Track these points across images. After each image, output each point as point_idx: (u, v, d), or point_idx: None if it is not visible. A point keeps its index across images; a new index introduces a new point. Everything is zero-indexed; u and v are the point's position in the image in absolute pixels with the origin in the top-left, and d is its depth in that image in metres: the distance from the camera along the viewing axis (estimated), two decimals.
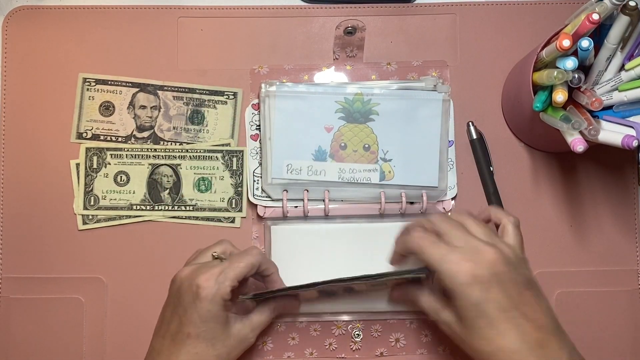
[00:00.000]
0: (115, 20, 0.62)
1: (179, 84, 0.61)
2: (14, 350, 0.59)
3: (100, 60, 0.62)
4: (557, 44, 0.48)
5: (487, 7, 0.62)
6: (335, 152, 0.60)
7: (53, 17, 0.62)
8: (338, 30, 0.60)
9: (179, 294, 0.51)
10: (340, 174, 0.60)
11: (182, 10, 0.62)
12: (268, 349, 0.60)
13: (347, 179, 0.59)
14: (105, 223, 0.60)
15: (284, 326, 0.60)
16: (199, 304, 0.50)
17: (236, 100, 0.62)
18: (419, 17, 0.62)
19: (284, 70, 0.62)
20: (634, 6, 0.48)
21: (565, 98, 0.49)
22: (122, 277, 0.60)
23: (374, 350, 0.60)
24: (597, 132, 0.50)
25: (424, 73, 0.62)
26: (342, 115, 0.60)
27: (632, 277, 0.61)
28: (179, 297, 0.51)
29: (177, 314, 0.51)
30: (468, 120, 0.61)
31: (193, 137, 0.61)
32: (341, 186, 0.59)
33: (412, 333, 0.60)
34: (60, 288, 0.60)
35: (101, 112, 0.61)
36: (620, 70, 0.51)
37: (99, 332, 0.60)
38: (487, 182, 0.61)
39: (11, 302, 0.60)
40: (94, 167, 0.60)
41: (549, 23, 0.62)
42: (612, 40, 0.49)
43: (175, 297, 0.52)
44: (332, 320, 0.60)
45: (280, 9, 0.62)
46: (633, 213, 0.61)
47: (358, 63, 0.62)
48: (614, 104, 0.52)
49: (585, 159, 0.61)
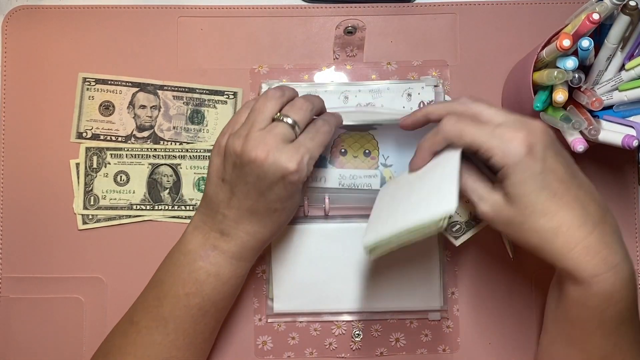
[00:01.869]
0: (115, 20, 0.62)
1: (179, 83, 0.61)
2: (14, 350, 0.59)
3: (100, 60, 0.61)
4: (557, 44, 0.48)
5: (487, 6, 0.62)
6: (335, 158, 0.60)
7: (53, 17, 0.62)
8: (338, 29, 0.60)
9: (255, 173, 0.48)
10: (340, 180, 0.59)
11: (182, 10, 0.62)
12: (268, 349, 0.60)
13: (347, 185, 0.59)
14: (105, 223, 0.60)
15: (284, 326, 0.60)
16: (288, 186, 0.48)
17: (236, 100, 0.61)
18: (419, 16, 0.62)
19: (284, 69, 0.62)
20: (634, 6, 0.48)
21: (565, 98, 0.49)
22: (122, 277, 0.60)
23: (374, 350, 0.60)
24: (598, 132, 0.50)
25: (424, 73, 0.62)
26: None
27: None
28: (255, 176, 0.48)
29: (255, 190, 0.49)
30: None
31: (193, 136, 0.61)
32: (342, 192, 0.59)
33: (412, 333, 0.60)
34: (60, 288, 0.60)
35: (101, 112, 0.61)
36: (621, 70, 0.51)
37: (99, 332, 0.60)
38: None
39: (11, 302, 0.60)
40: (93, 167, 0.60)
41: (549, 23, 0.62)
42: (612, 40, 0.49)
43: (249, 174, 0.48)
44: (332, 320, 0.60)
45: (280, 8, 0.62)
46: (633, 213, 0.61)
47: (358, 63, 0.62)
48: (614, 103, 0.52)
49: (585, 159, 0.61)
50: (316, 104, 0.52)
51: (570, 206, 0.43)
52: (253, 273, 0.60)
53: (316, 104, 0.52)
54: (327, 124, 0.51)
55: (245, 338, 0.60)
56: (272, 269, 0.59)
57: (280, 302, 0.59)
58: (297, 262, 0.59)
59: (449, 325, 0.60)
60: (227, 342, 0.60)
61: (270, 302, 0.60)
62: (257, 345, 0.60)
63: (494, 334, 0.60)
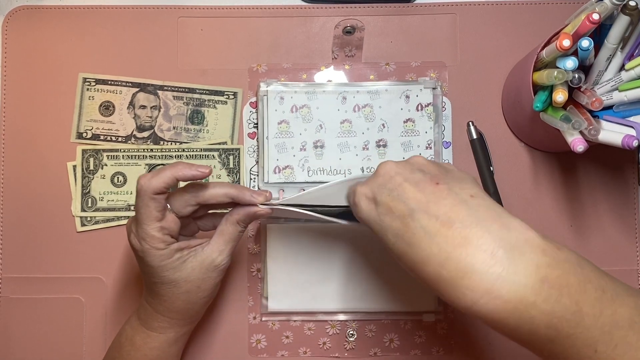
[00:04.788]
0: (115, 20, 0.62)
1: (179, 83, 0.61)
2: (14, 350, 0.59)
3: (100, 60, 0.62)
4: (557, 44, 0.48)
5: (487, 7, 0.62)
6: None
7: (53, 17, 0.62)
8: (337, 29, 0.60)
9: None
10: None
11: (182, 10, 0.62)
12: (262, 347, 0.60)
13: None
14: (103, 224, 0.60)
15: (278, 324, 0.60)
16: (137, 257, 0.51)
17: (236, 100, 0.61)
18: (418, 17, 0.62)
19: (282, 68, 0.62)
20: (634, 6, 0.48)
21: (565, 98, 0.49)
22: (121, 277, 0.60)
23: (367, 350, 0.60)
24: (597, 132, 0.50)
25: (422, 74, 0.61)
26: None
27: (632, 277, 0.61)
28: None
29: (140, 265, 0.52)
30: (468, 120, 0.61)
31: (193, 137, 0.61)
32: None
33: (406, 334, 0.60)
34: (60, 288, 0.60)
35: (101, 112, 0.61)
36: (621, 70, 0.51)
37: (99, 332, 0.60)
38: (487, 182, 0.61)
39: (11, 302, 0.60)
40: (90, 169, 0.60)
41: (549, 23, 0.61)
42: (612, 40, 0.49)
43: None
44: (326, 320, 0.60)
45: (280, 8, 0.62)
46: (633, 213, 0.61)
47: (356, 63, 0.62)
48: (614, 104, 0.51)
49: (585, 159, 0.61)
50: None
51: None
52: (248, 271, 0.60)
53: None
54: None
55: (239, 336, 0.60)
56: (267, 268, 0.59)
57: (275, 300, 0.59)
58: (292, 261, 0.59)
59: (444, 327, 0.60)
60: (221, 340, 0.60)
61: (264, 301, 0.60)
62: (251, 344, 0.60)
63: (488, 336, 0.60)
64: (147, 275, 0.50)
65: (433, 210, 0.39)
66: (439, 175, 0.42)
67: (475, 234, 0.37)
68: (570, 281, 0.36)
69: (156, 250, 0.48)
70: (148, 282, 0.51)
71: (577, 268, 0.37)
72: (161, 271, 0.49)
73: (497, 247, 0.36)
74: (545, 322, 0.36)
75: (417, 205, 0.40)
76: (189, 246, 0.50)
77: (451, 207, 0.39)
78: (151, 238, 0.48)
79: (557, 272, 0.36)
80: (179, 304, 0.51)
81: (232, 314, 0.60)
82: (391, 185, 0.42)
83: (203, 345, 0.60)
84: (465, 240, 0.37)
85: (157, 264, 0.49)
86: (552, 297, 0.35)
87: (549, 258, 0.36)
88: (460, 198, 0.39)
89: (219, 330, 0.60)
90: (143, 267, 0.50)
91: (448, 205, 0.39)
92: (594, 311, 0.36)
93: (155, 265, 0.49)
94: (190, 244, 0.51)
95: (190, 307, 0.52)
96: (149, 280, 0.51)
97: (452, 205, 0.39)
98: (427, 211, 0.39)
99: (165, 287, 0.50)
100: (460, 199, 0.39)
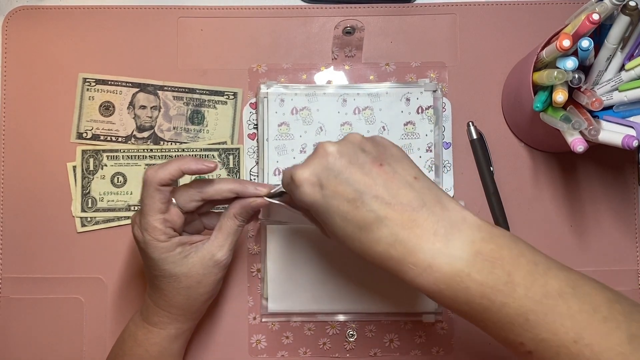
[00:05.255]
0: (115, 20, 0.62)
1: (179, 84, 0.61)
2: (14, 350, 0.59)
3: (100, 60, 0.62)
4: (557, 44, 0.48)
5: (487, 7, 0.62)
6: None
7: (53, 17, 0.62)
8: (337, 30, 0.60)
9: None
10: None
11: (182, 10, 0.62)
12: (262, 347, 0.60)
13: None
14: (103, 225, 0.60)
15: (278, 325, 0.60)
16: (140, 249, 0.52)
17: (236, 100, 0.61)
18: (418, 17, 0.62)
19: (282, 69, 0.62)
20: (634, 6, 0.48)
21: (565, 98, 0.49)
22: (121, 277, 0.60)
23: (367, 351, 0.60)
24: (597, 132, 0.50)
25: (422, 74, 0.61)
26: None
27: (632, 277, 0.61)
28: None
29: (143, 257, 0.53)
30: (468, 121, 0.61)
31: (193, 137, 0.61)
32: None
33: (406, 334, 0.60)
34: (60, 288, 0.60)
35: (101, 112, 0.61)
36: (621, 70, 0.51)
37: (99, 332, 0.60)
38: (487, 182, 0.61)
39: (11, 302, 0.60)
40: (90, 170, 0.60)
41: (549, 23, 0.61)
42: (612, 40, 0.49)
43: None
44: (326, 320, 0.60)
45: (280, 9, 0.62)
46: (633, 213, 0.61)
47: (356, 63, 0.62)
48: (614, 104, 0.51)
49: (585, 159, 0.61)
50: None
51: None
52: (248, 272, 0.60)
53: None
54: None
55: (239, 336, 0.60)
56: (267, 268, 0.59)
57: (275, 301, 0.59)
58: (292, 261, 0.59)
59: (444, 327, 0.60)
60: (221, 340, 0.60)
61: (264, 301, 0.60)
62: (251, 344, 0.60)
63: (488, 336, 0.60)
64: (149, 268, 0.51)
65: (381, 194, 0.41)
66: (380, 156, 0.43)
67: (422, 216, 0.40)
68: (504, 254, 0.39)
69: (157, 242, 0.49)
70: (150, 276, 0.52)
71: (510, 243, 0.40)
72: (162, 264, 0.49)
73: (439, 226, 0.40)
74: (480, 292, 0.39)
75: (365, 189, 0.41)
76: (191, 241, 0.51)
77: (398, 190, 0.41)
78: (153, 229, 0.48)
79: (491, 246, 0.39)
80: (179, 299, 0.51)
81: (232, 315, 0.60)
82: (337, 168, 0.42)
83: (203, 345, 0.60)
84: (414, 223, 0.40)
85: (157, 256, 0.49)
86: (486, 269, 0.39)
87: (483, 233, 0.40)
88: (405, 180, 0.42)
89: (219, 331, 0.60)
90: (145, 260, 0.51)
91: (395, 189, 0.41)
92: (526, 282, 0.39)
93: (156, 258, 0.49)
94: (192, 240, 0.51)
95: (191, 302, 0.52)
96: (150, 273, 0.51)
97: (399, 188, 0.41)
98: (376, 195, 0.41)
99: (165, 281, 0.50)
100: (405, 181, 0.42)
